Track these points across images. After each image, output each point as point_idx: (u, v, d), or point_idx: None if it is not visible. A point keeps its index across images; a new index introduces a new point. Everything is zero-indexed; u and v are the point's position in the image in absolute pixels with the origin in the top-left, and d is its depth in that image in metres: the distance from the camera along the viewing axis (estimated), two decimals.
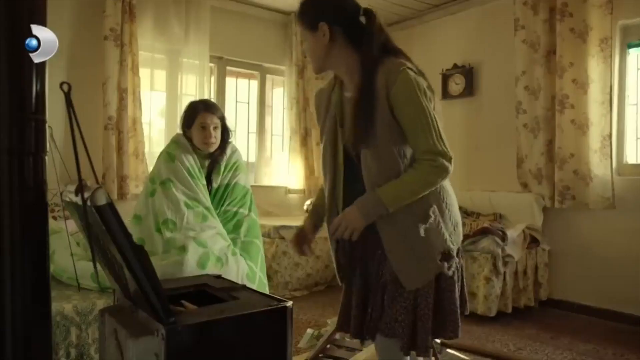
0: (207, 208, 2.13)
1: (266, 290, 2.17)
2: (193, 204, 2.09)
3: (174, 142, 2.25)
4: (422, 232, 1.42)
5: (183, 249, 1.92)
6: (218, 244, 2.03)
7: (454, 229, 1.51)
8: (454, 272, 1.48)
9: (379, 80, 1.40)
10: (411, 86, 1.37)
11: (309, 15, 1.48)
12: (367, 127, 1.41)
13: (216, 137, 2.22)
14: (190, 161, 2.18)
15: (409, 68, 1.40)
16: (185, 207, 2.06)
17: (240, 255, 2.11)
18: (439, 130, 1.39)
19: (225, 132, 2.29)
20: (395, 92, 1.37)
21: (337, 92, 1.55)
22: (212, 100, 4.43)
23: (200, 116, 2.19)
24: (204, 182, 2.21)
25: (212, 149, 2.22)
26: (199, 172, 2.19)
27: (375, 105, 1.40)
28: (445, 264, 1.45)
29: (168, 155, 2.18)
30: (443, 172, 1.38)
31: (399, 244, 1.44)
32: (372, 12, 1.50)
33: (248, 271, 2.09)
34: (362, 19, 1.48)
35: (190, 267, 1.88)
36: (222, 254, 2.00)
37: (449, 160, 1.39)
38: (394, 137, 1.40)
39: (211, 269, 1.91)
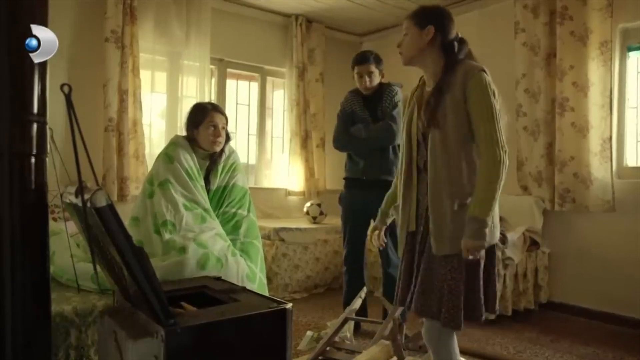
0: (205, 210, 2.14)
1: (266, 291, 2.17)
2: (191, 206, 2.10)
3: (173, 144, 2.25)
4: (455, 207, 1.64)
5: (183, 250, 1.92)
6: (218, 245, 2.03)
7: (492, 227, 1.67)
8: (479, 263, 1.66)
9: (457, 75, 1.67)
10: (484, 85, 1.65)
11: (423, 16, 1.78)
12: (436, 110, 1.68)
13: (223, 137, 2.28)
14: (189, 162, 2.19)
15: (485, 72, 1.68)
16: (184, 209, 2.07)
17: (240, 256, 2.11)
18: (500, 125, 1.64)
19: (226, 134, 2.33)
20: (470, 86, 1.64)
21: (419, 89, 1.86)
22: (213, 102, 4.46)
23: (210, 115, 2.25)
24: (203, 183, 2.21)
25: (219, 148, 2.27)
26: (197, 173, 2.20)
27: (447, 94, 1.67)
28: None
29: (166, 157, 2.19)
30: (502, 165, 1.61)
31: (438, 212, 1.68)
32: (464, 40, 1.79)
33: (248, 272, 2.09)
34: (456, 44, 1.76)
35: (191, 267, 1.88)
36: (222, 254, 2.00)
37: (505, 152, 1.62)
38: (461, 124, 1.65)
39: (211, 269, 1.91)
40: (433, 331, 1.73)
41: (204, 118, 2.24)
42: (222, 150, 2.30)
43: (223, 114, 2.30)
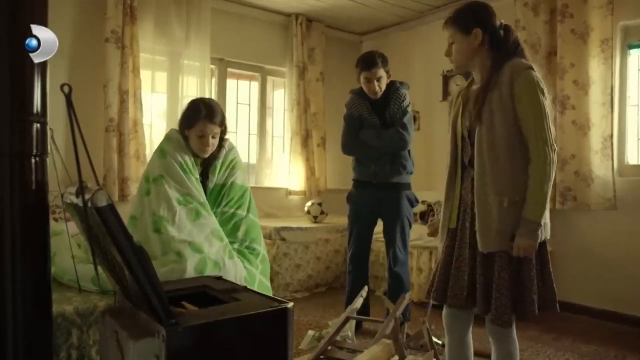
0: (200, 204, 2.08)
1: (270, 293, 2.14)
2: (186, 200, 2.05)
3: (167, 138, 2.20)
4: (505, 204, 1.66)
5: (179, 255, 1.90)
6: (214, 247, 1.99)
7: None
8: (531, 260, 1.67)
9: (504, 73, 1.67)
10: (533, 83, 1.64)
11: (465, 20, 1.74)
12: (482, 107, 1.68)
13: (213, 144, 2.17)
14: (183, 155, 2.13)
15: (532, 69, 1.67)
16: (178, 204, 2.02)
17: (238, 257, 2.09)
18: (549, 123, 1.65)
19: (224, 132, 2.24)
20: (518, 85, 1.64)
21: (465, 88, 1.87)
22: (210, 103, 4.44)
23: (200, 124, 2.11)
24: (197, 176, 2.15)
25: (206, 155, 2.18)
26: (192, 166, 2.14)
27: (495, 92, 1.67)
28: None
29: (161, 152, 2.14)
30: (552, 165, 1.64)
31: (484, 209, 1.69)
32: (509, 26, 1.80)
33: (246, 275, 2.06)
34: (502, 32, 1.76)
35: (189, 274, 1.87)
36: (219, 257, 1.97)
37: (554, 151, 1.64)
38: (508, 122, 1.66)
39: (209, 273, 1.90)
40: (502, 329, 1.73)
41: (194, 124, 2.12)
42: (222, 147, 2.23)
43: (216, 121, 2.14)
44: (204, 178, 2.20)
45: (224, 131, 2.24)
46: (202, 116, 2.12)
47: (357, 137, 3.12)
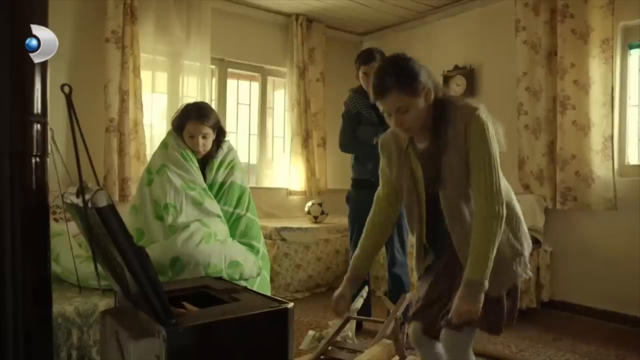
0: (203, 189, 2.16)
1: (268, 289, 2.18)
2: (190, 186, 2.11)
3: (169, 134, 2.28)
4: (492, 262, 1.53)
5: (187, 226, 1.98)
6: (219, 227, 2.08)
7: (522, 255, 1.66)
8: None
9: (456, 124, 1.56)
10: (483, 129, 1.54)
11: (413, 81, 1.56)
12: (442, 169, 1.58)
13: (205, 145, 2.21)
14: (184, 148, 2.21)
15: (480, 110, 1.57)
16: (183, 190, 2.09)
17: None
18: (498, 173, 1.55)
19: (221, 134, 2.29)
20: (470, 132, 1.54)
21: (410, 145, 1.71)
22: (213, 102, 4.45)
23: (189, 124, 2.18)
24: (197, 165, 2.22)
25: (200, 155, 2.24)
26: (192, 154, 2.21)
27: (450, 150, 1.57)
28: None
29: (163, 145, 2.23)
30: (499, 220, 1.51)
31: (466, 245, 1.56)
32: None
33: (252, 256, 2.14)
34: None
35: (196, 240, 1.94)
36: (223, 237, 2.07)
37: (501, 204, 1.52)
38: (468, 172, 1.56)
39: (214, 245, 1.98)
40: (460, 342, 1.69)
41: (184, 126, 2.20)
42: (219, 147, 2.28)
43: (206, 122, 2.18)
44: (202, 175, 2.25)
45: (221, 133, 2.30)
46: (190, 117, 2.20)
47: (354, 135, 3.13)
